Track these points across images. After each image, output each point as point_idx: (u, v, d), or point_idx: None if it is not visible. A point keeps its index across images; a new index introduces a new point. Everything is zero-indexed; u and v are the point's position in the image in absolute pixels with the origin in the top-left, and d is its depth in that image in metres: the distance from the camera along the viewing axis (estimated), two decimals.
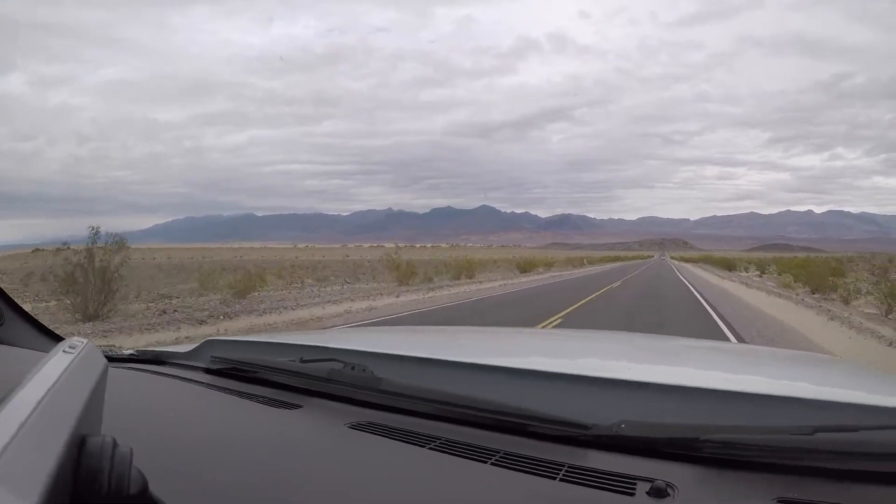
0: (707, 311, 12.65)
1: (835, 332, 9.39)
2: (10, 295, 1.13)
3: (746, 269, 43.16)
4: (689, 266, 60.74)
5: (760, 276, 33.26)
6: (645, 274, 35.45)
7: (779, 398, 0.90)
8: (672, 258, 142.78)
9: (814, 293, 17.41)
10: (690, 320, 10.87)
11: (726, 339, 8.31)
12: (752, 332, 9.21)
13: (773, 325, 10.30)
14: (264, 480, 0.76)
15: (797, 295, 17.12)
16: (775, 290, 19.98)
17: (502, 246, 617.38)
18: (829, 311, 12.10)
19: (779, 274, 26.99)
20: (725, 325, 10.03)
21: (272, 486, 0.75)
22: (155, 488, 0.55)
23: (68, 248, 10.69)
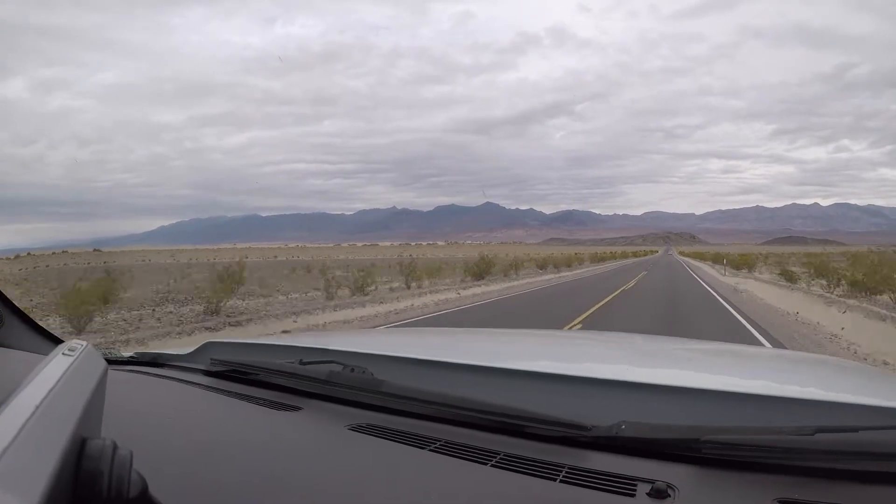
0: None
1: None
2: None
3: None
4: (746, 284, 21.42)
5: None
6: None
7: (779, 399, 0.93)
8: (681, 254, 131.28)
9: None
10: None
11: None
12: None
13: None
14: (264, 483, 0.77)
15: None
16: None
17: (502, 243, 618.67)
18: None
19: None
20: None
21: (272, 488, 0.76)
22: (155, 491, 0.56)
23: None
